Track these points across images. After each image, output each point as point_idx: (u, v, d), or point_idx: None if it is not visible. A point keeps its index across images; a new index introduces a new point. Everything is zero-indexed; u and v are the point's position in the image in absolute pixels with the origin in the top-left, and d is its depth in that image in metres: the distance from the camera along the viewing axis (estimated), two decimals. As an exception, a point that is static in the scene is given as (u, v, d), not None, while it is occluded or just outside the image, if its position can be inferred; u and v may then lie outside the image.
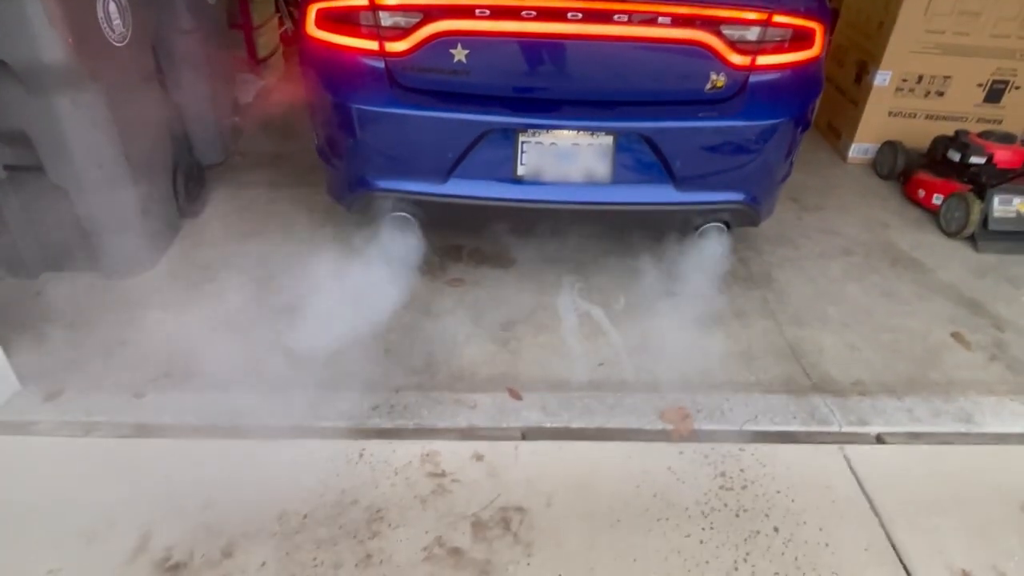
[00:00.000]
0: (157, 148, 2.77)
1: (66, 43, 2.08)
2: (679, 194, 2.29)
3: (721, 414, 2.15)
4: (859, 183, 3.77)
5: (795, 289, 2.80)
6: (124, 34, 2.42)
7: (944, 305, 2.75)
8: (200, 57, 3.24)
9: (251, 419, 2.04)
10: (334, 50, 2.18)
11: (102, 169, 2.39)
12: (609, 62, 2.13)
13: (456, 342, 2.41)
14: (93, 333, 2.37)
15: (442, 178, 2.25)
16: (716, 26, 2.10)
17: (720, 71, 2.16)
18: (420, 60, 2.12)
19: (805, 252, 3.07)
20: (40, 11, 1.99)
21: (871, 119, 3.80)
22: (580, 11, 2.03)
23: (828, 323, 2.60)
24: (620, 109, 2.18)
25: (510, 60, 2.13)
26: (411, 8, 2.06)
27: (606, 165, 2.23)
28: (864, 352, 2.47)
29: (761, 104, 2.20)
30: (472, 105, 2.15)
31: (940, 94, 3.70)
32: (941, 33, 3.51)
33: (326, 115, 2.28)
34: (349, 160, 2.33)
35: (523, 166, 2.23)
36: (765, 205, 2.47)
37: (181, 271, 2.72)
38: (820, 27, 2.20)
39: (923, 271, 2.97)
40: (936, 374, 2.38)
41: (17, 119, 2.23)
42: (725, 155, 2.25)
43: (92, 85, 2.25)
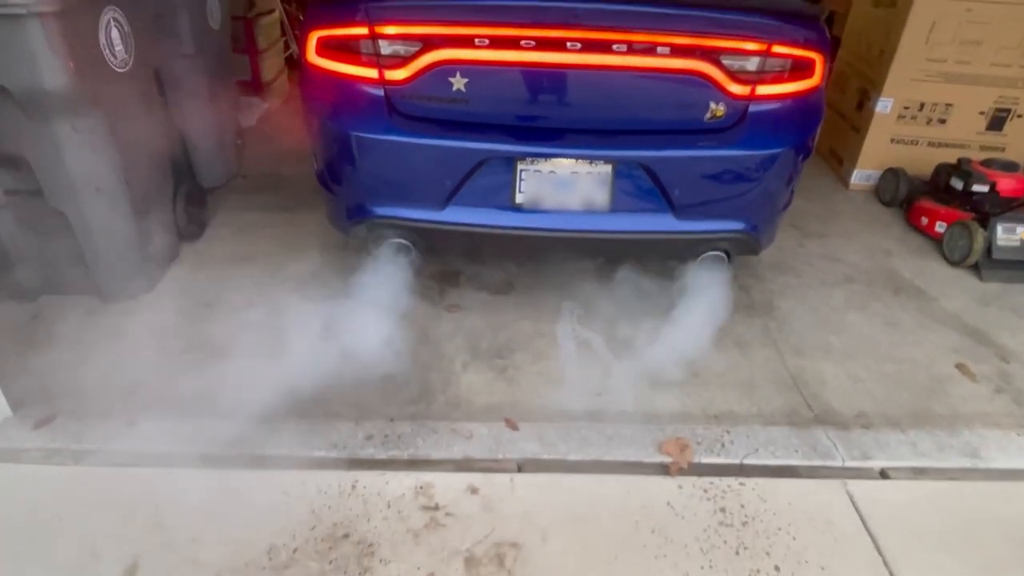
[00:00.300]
0: (158, 172, 2.77)
1: (67, 69, 2.09)
2: (678, 223, 2.27)
3: (721, 446, 2.11)
4: (861, 210, 3.75)
5: (797, 317, 2.77)
6: (126, 60, 2.43)
7: (948, 335, 2.71)
8: (203, 82, 3.25)
9: (243, 448, 2.02)
10: (334, 77, 2.18)
11: (101, 194, 2.39)
12: (608, 91, 2.13)
13: (453, 370, 2.39)
14: (88, 358, 2.35)
15: (440, 205, 2.24)
16: (715, 56, 2.10)
17: (719, 100, 2.15)
18: (419, 88, 2.13)
19: (807, 280, 3.04)
20: (41, 37, 2.00)
21: (873, 146, 3.80)
22: (579, 41, 2.03)
23: (830, 353, 2.57)
24: (619, 138, 2.18)
25: (509, 89, 2.13)
26: (411, 37, 2.06)
27: (605, 193, 2.21)
28: (867, 383, 2.43)
29: (761, 133, 2.20)
30: (471, 133, 2.15)
31: (942, 121, 3.69)
32: (943, 61, 3.52)
33: (325, 142, 2.28)
34: (348, 187, 2.32)
35: (521, 194, 2.22)
36: (766, 234, 2.46)
37: (178, 296, 2.71)
38: (820, 57, 2.20)
39: (926, 300, 2.94)
40: (940, 406, 2.35)
41: (17, 144, 2.23)
42: (725, 184, 2.24)
43: (93, 111, 2.26)
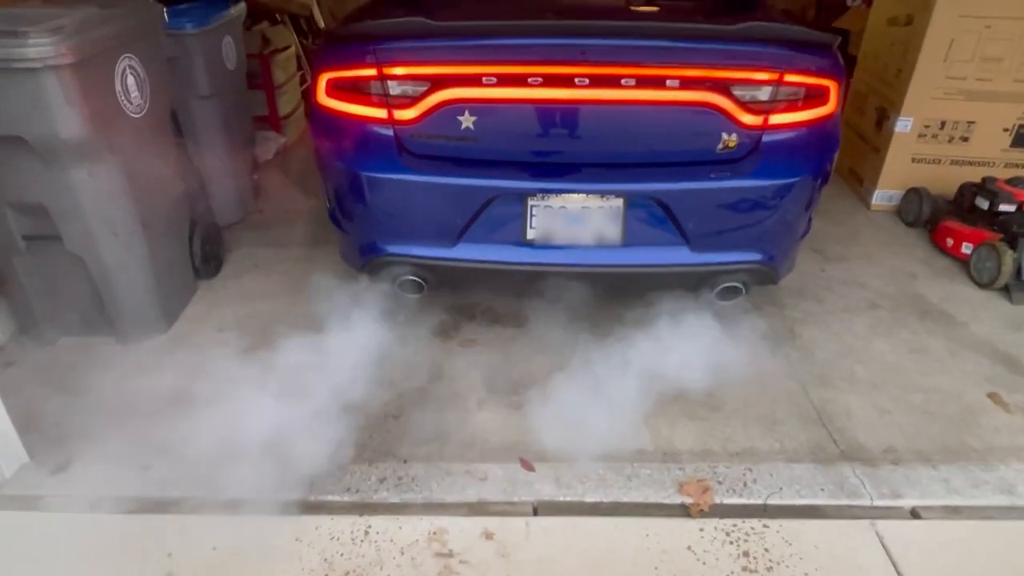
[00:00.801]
0: (174, 213, 2.80)
1: (83, 118, 2.13)
2: (693, 255, 2.23)
3: (744, 486, 2.04)
4: (884, 231, 3.67)
5: (819, 347, 2.70)
6: (142, 105, 2.48)
7: (979, 362, 2.62)
8: (219, 121, 3.31)
9: (257, 492, 1.99)
10: (344, 118, 2.19)
11: (118, 238, 2.42)
12: (618, 125, 2.11)
13: (468, 408, 2.36)
14: (104, 401, 2.35)
15: (452, 242, 2.23)
16: (726, 87, 2.07)
17: (732, 131, 2.12)
18: (428, 127, 2.13)
19: (829, 306, 2.97)
20: (58, 89, 2.04)
21: (894, 165, 3.72)
22: (587, 76, 2.02)
23: (855, 383, 2.49)
24: (630, 171, 2.15)
25: (518, 126, 2.12)
26: (418, 77, 2.07)
27: (617, 228, 2.19)
28: (895, 415, 2.35)
29: (775, 163, 2.16)
30: (480, 171, 2.14)
31: (965, 139, 3.61)
32: (963, 79, 3.45)
33: (337, 182, 2.29)
34: (359, 225, 2.33)
35: (533, 230, 2.20)
36: (784, 264, 2.41)
37: (194, 335, 2.72)
38: (834, 83, 2.16)
39: (954, 325, 2.85)
40: (973, 439, 2.25)
41: (35, 191, 2.27)
42: (740, 215, 2.20)
43: (109, 157, 2.30)
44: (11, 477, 2.05)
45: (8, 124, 2.07)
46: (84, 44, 2.08)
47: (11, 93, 2.01)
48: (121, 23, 2.32)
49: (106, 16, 2.24)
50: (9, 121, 2.06)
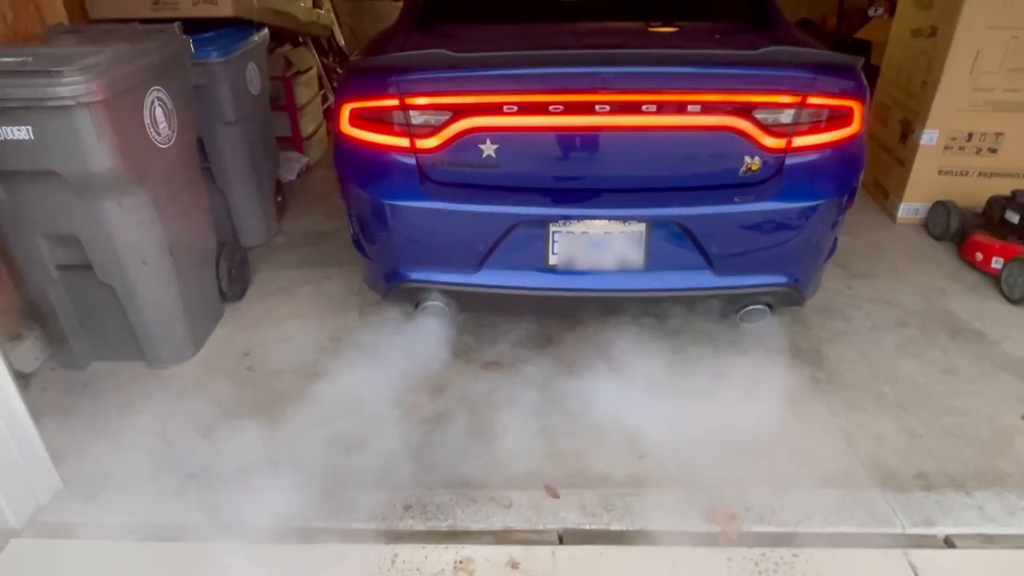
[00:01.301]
0: (201, 238, 2.85)
1: (114, 152, 2.18)
2: (717, 279, 2.22)
3: (772, 513, 2.02)
4: (911, 245, 3.61)
5: (847, 367, 2.66)
6: (169, 136, 2.53)
7: (1011, 383, 2.57)
8: (244, 145, 3.37)
9: (285, 519, 2.01)
10: (367, 147, 2.22)
11: (147, 266, 2.47)
12: (639, 151, 2.12)
13: (492, 433, 2.36)
14: (137, 426, 2.40)
15: (474, 269, 2.24)
16: (748, 111, 2.06)
17: (754, 155, 2.11)
18: (450, 156, 2.14)
19: (856, 325, 2.93)
20: (90, 124, 2.09)
21: (920, 178, 3.67)
22: (608, 103, 2.02)
23: (884, 406, 2.45)
24: (652, 196, 2.15)
25: (539, 153, 2.13)
26: (440, 107, 2.09)
27: (640, 252, 2.18)
28: (926, 439, 2.31)
29: (799, 185, 2.14)
30: (502, 198, 2.15)
31: (993, 151, 3.55)
32: (990, 91, 3.40)
33: (360, 209, 2.32)
34: (383, 252, 2.35)
35: (555, 255, 2.21)
36: (809, 285, 2.38)
37: (222, 359, 2.76)
38: (858, 104, 2.14)
39: (986, 344, 2.80)
40: (1008, 464, 2.20)
41: (67, 223, 2.33)
42: (764, 238, 2.18)
43: (138, 188, 2.35)
44: (46, 504, 2.10)
45: (42, 159, 2.12)
46: (115, 80, 2.13)
47: (45, 130, 2.07)
48: (150, 57, 2.37)
49: (136, 52, 2.30)
50: (43, 156, 2.12)
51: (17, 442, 2.00)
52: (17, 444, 2.00)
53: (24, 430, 2.02)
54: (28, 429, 2.04)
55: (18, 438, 2.00)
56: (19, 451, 2.01)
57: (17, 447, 2.01)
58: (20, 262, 2.46)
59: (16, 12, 2.75)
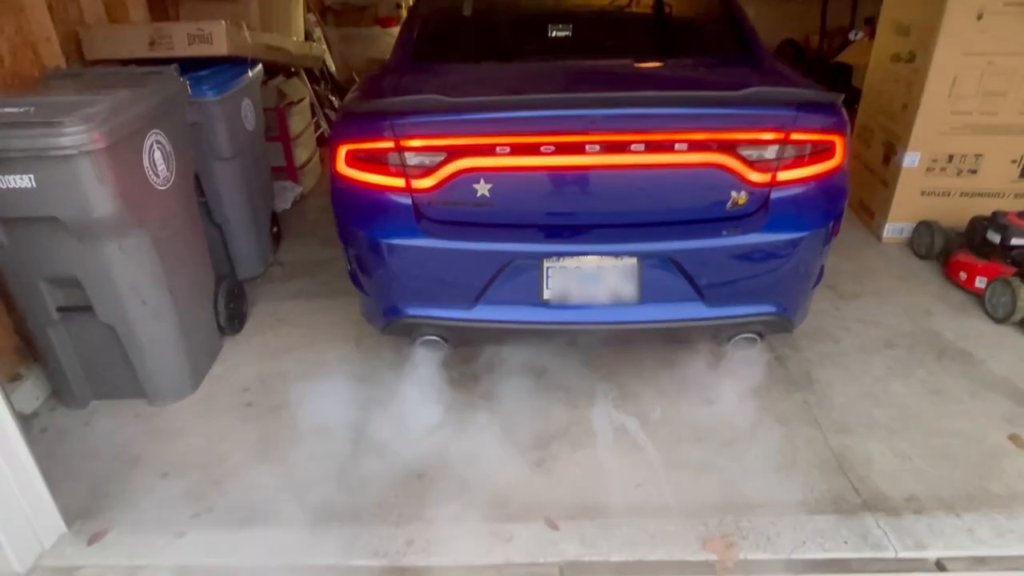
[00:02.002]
0: (199, 275, 2.89)
1: (114, 197, 2.22)
2: (708, 310, 2.27)
3: (768, 540, 2.06)
4: (897, 265, 3.69)
5: (837, 390, 2.71)
6: (168, 177, 2.57)
7: (998, 402, 2.63)
8: (240, 180, 3.41)
9: (287, 558, 2.04)
10: (363, 187, 2.26)
11: (147, 305, 2.50)
12: (629, 188, 2.17)
13: (491, 465, 2.39)
14: (137, 466, 2.42)
15: (470, 304, 2.29)
16: (733, 148, 2.12)
17: (740, 189, 2.17)
18: (445, 195, 2.19)
19: (845, 347, 2.99)
20: (91, 172, 2.13)
21: (903, 199, 3.75)
22: (598, 143, 2.08)
23: (875, 428, 2.51)
24: (643, 232, 2.20)
25: (532, 192, 2.18)
26: (435, 149, 2.14)
27: (632, 286, 2.23)
28: (916, 461, 2.36)
29: (785, 218, 2.20)
30: (497, 235, 2.20)
31: (973, 172, 3.64)
32: (968, 114, 3.49)
33: (357, 247, 2.36)
34: (379, 289, 2.39)
35: (549, 290, 2.25)
36: (798, 313, 2.44)
37: (222, 394, 2.79)
38: (840, 138, 2.20)
39: (972, 363, 2.86)
40: (996, 485, 2.26)
41: (68, 265, 2.36)
42: (752, 270, 2.24)
43: (137, 230, 2.39)
44: (50, 548, 2.11)
45: (44, 207, 2.16)
46: (116, 128, 2.18)
47: (47, 178, 2.11)
48: (149, 102, 2.42)
49: (135, 97, 2.35)
50: (45, 204, 2.15)
51: (20, 486, 2.02)
52: (20, 488, 2.02)
53: (27, 473, 2.04)
54: (31, 472, 2.05)
55: (21, 482, 2.02)
56: (22, 495, 2.03)
57: (20, 491, 2.02)
58: (20, 304, 2.49)
59: (14, 55, 2.79)
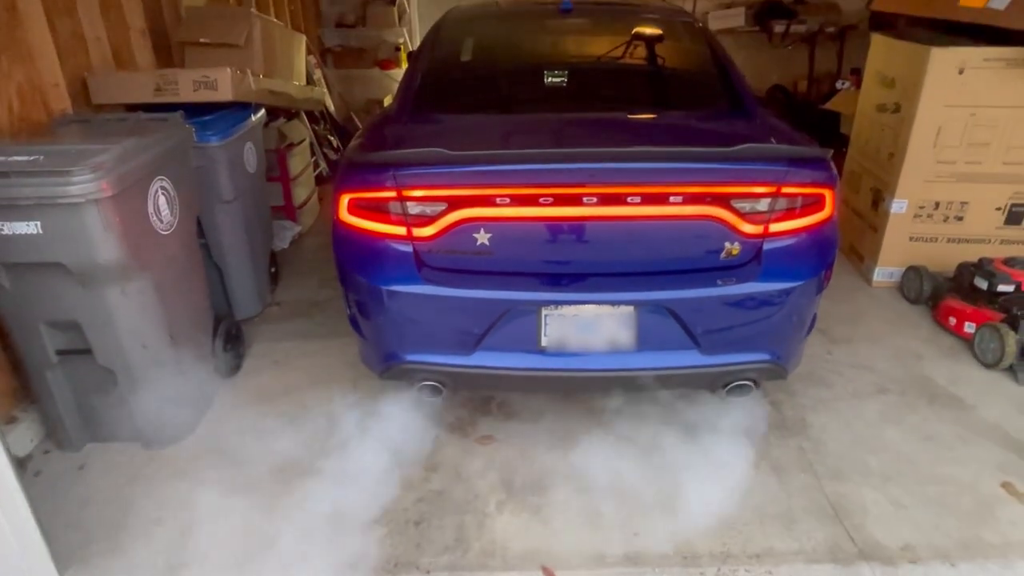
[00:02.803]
0: (199, 317, 2.91)
1: (119, 243, 2.25)
2: (704, 358, 2.31)
3: (765, 591, 2.06)
4: (887, 309, 3.74)
5: (831, 436, 2.74)
6: (171, 222, 2.61)
7: (991, 450, 2.65)
8: (241, 221, 3.45)
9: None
10: (365, 235, 2.31)
11: (147, 349, 2.51)
12: (625, 239, 2.23)
13: (487, 511, 2.39)
14: (131, 511, 2.41)
15: (469, 351, 2.31)
16: (727, 201, 2.18)
17: (734, 240, 2.23)
18: (445, 244, 2.24)
19: (838, 392, 3.02)
20: (97, 219, 2.17)
21: (892, 244, 3.83)
22: (595, 195, 2.14)
23: (869, 476, 2.52)
24: (639, 281, 2.25)
25: (531, 241, 2.23)
26: (436, 199, 2.19)
27: (629, 334, 2.27)
28: (910, 509, 2.37)
29: (777, 268, 2.25)
30: (496, 283, 2.24)
31: (959, 219, 3.73)
32: (953, 163, 3.59)
33: (357, 293, 2.39)
34: (379, 334, 2.41)
35: (547, 337, 2.29)
36: (791, 360, 2.47)
37: (217, 437, 2.77)
38: (830, 192, 2.27)
39: (964, 409, 2.89)
40: (991, 534, 2.27)
41: (70, 310, 2.38)
42: (746, 318, 2.28)
43: (141, 275, 2.41)
44: (42, 598, 2.08)
45: (50, 252, 2.19)
46: (123, 176, 2.22)
47: (54, 225, 2.14)
48: (155, 149, 2.47)
49: (142, 145, 2.40)
50: (51, 250, 2.18)
51: (15, 532, 1.99)
52: (14, 534, 2.00)
53: (22, 519, 2.01)
54: (26, 518, 2.03)
55: (16, 527, 1.99)
56: (16, 540, 2.00)
57: (14, 537, 2.00)
58: (20, 347, 2.49)
59: (23, 101, 2.85)
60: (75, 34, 3.24)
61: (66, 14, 3.17)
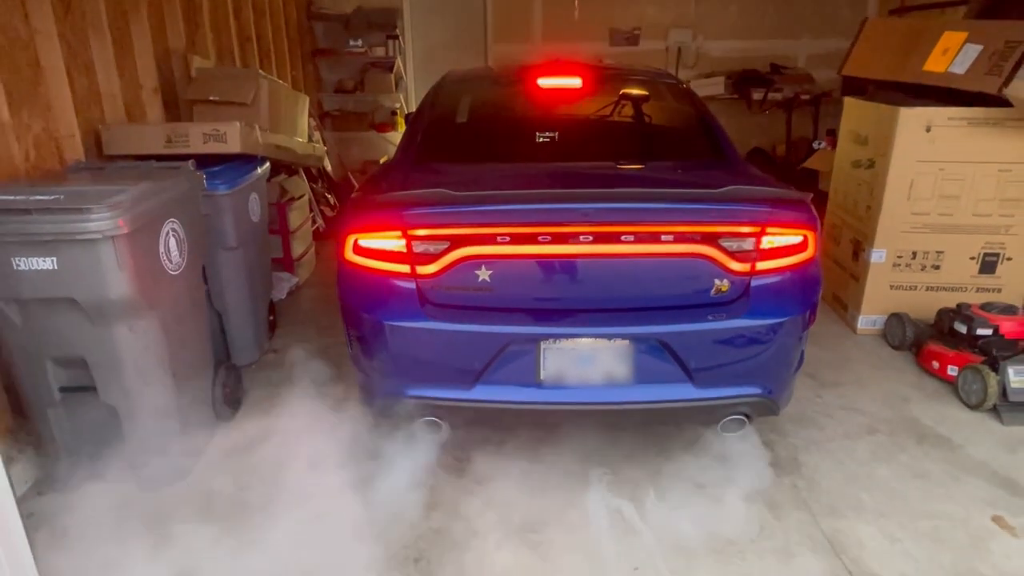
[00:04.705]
0: (200, 360, 2.95)
1: (131, 280, 2.32)
2: (697, 391, 2.38)
3: (766, 623, 2.06)
4: (872, 355, 3.84)
5: (824, 474, 2.78)
6: (180, 263, 2.69)
7: (979, 486, 2.70)
8: (242, 270, 3.53)
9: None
10: (370, 273, 2.40)
11: (149, 387, 2.55)
12: (620, 275, 2.33)
13: (487, 549, 2.39)
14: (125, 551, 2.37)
15: (469, 385, 2.37)
16: (715, 240, 2.31)
17: (723, 278, 2.34)
18: (448, 281, 2.33)
19: (829, 433, 3.08)
20: (112, 256, 2.25)
21: (873, 293, 3.97)
22: (591, 234, 2.26)
23: (863, 512, 2.56)
24: (634, 316, 2.35)
25: (530, 278, 2.34)
26: (439, 238, 2.30)
27: (624, 367, 2.34)
28: (905, 543, 2.40)
29: (764, 304, 2.36)
30: (496, 318, 2.33)
31: (936, 267, 3.89)
32: (926, 215, 3.78)
33: (362, 330, 2.46)
34: (382, 370, 2.47)
35: (545, 371, 2.35)
36: (782, 396, 2.55)
37: (212, 481, 2.76)
38: (811, 233, 2.41)
39: (952, 448, 2.96)
40: (985, 567, 2.30)
41: (77, 346, 2.42)
42: (737, 353, 2.37)
43: (148, 312, 2.47)
44: (32, 636, 2.04)
45: (63, 288, 2.26)
46: (138, 216, 2.32)
47: (69, 260, 2.22)
48: (168, 193, 2.58)
49: (156, 188, 2.50)
50: (65, 285, 2.25)
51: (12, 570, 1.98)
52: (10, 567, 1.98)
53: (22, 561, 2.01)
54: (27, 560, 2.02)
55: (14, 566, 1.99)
56: None
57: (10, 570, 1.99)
58: (24, 384, 2.52)
59: (38, 150, 2.97)
60: (91, 90, 3.41)
61: (84, 72, 3.35)
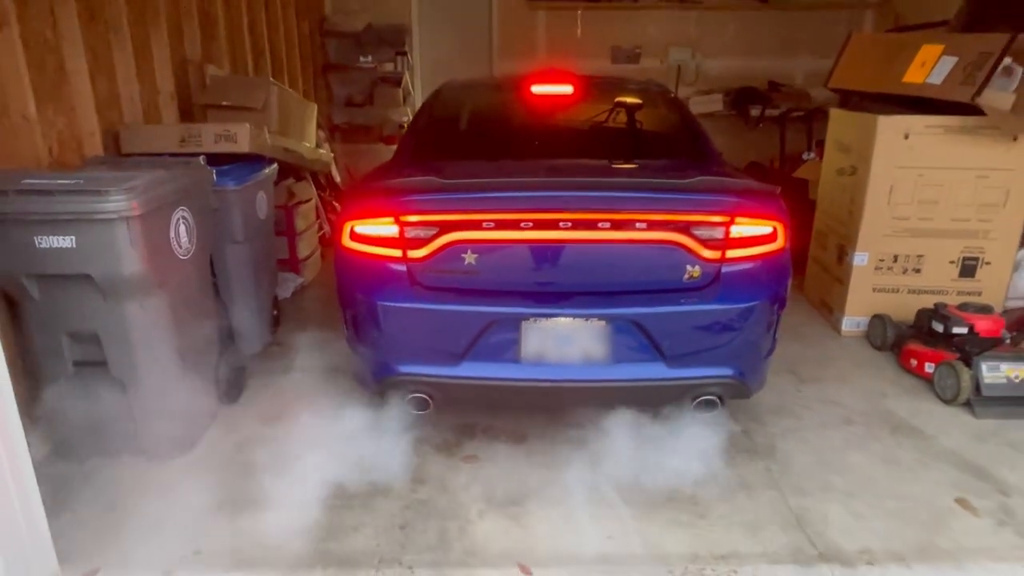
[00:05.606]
0: (205, 342, 3.12)
1: (142, 259, 2.50)
2: (669, 371, 2.52)
3: (729, 586, 2.17)
4: (854, 355, 3.96)
5: (798, 459, 2.89)
6: (189, 249, 2.87)
7: (947, 471, 2.81)
8: (249, 263, 3.72)
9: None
10: (365, 257, 2.57)
11: (158, 363, 2.71)
12: (597, 260, 2.49)
13: (469, 518, 2.52)
14: (131, 514, 2.52)
15: (456, 362, 2.52)
16: (687, 228, 2.46)
17: (695, 264, 2.49)
18: (437, 264, 2.50)
19: (807, 422, 3.19)
20: (126, 235, 2.43)
21: (857, 295, 4.09)
22: (569, 220, 2.42)
23: (832, 492, 2.67)
24: (610, 298, 2.50)
25: (513, 261, 2.50)
26: (429, 224, 2.47)
27: (601, 346, 2.49)
28: (870, 520, 2.50)
29: (734, 290, 2.50)
30: (481, 299, 2.49)
31: (917, 271, 4.01)
32: (907, 219, 3.91)
33: (357, 311, 2.63)
34: (376, 349, 2.63)
35: (526, 349, 2.51)
36: (753, 379, 2.68)
37: (216, 454, 2.92)
38: (780, 224, 2.55)
39: (924, 438, 3.06)
40: (945, 541, 2.40)
41: (92, 321, 2.60)
42: (708, 335, 2.51)
43: (158, 291, 2.65)
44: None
45: (81, 264, 2.44)
46: (150, 200, 2.50)
47: (89, 239, 2.40)
48: (179, 182, 2.77)
49: (168, 177, 2.69)
50: (82, 262, 2.44)
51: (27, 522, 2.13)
52: (26, 524, 2.14)
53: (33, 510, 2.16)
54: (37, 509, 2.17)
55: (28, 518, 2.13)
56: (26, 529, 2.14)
57: (26, 527, 2.13)
58: (40, 358, 2.69)
59: (61, 146, 3.19)
60: (112, 93, 3.64)
61: (106, 75, 3.57)
